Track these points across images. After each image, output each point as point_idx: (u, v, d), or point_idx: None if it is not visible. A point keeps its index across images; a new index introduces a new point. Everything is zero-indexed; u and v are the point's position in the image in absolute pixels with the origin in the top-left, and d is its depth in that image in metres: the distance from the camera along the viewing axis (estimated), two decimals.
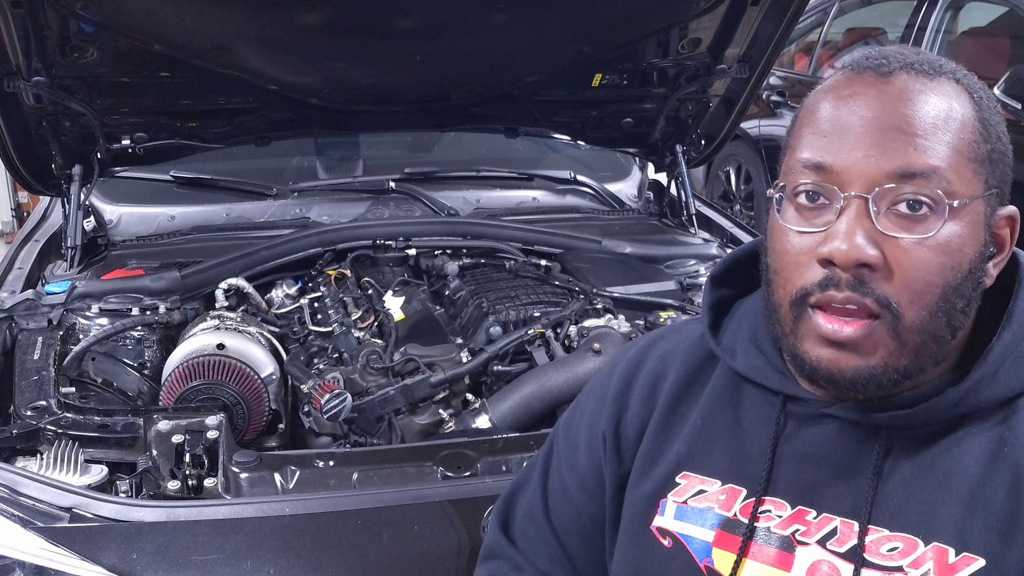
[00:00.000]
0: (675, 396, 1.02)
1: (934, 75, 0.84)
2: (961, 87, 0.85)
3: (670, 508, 0.97)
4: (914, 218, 0.81)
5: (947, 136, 0.82)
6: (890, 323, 0.82)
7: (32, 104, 2.23)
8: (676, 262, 2.47)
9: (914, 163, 0.81)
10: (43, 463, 1.54)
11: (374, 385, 1.91)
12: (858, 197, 0.82)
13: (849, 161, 0.82)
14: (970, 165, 0.83)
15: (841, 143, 0.83)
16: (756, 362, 0.96)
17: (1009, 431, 0.85)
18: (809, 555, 0.88)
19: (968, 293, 0.85)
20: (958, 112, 0.83)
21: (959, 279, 0.83)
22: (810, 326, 0.85)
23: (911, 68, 0.85)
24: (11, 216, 5.66)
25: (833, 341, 0.84)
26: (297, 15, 2.08)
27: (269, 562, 1.37)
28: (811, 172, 0.84)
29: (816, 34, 5.75)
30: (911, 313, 0.82)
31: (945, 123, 0.82)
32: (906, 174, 0.81)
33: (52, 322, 2.01)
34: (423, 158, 3.11)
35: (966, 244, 0.83)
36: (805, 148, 0.86)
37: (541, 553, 1.10)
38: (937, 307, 0.83)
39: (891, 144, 0.81)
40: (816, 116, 0.86)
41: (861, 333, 0.83)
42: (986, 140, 0.84)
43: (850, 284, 0.82)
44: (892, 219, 0.82)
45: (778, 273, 0.88)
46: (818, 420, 0.91)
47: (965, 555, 0.82)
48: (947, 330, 0.84)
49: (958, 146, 0.82)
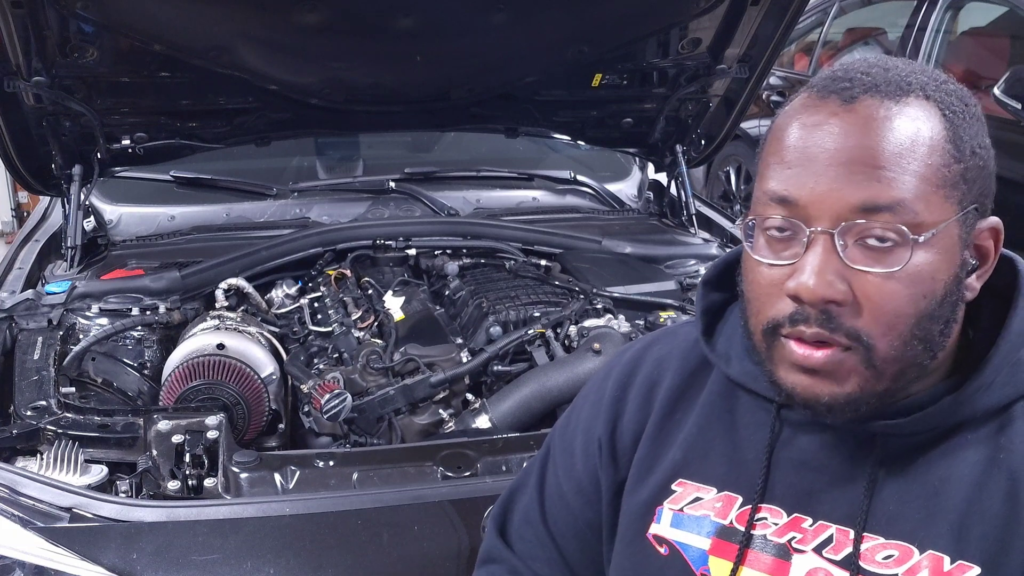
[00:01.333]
0: (671, 401, 1.01)
1: (900, 96, 0.82)
2: (931, 103, 0.82)
3: (666, 516, 0.97)
4: (882, 250, 0.80)
5: (914, 165, 0.80)
6: (862, 355, 0.82)
7: (32, 104, 2.23)
8: (676, 262, 2.47)
9: (879, 197, 0.79)
10: (43, 463, 1.54)
11: (374, 385, 1.91)
12: (824, 233, 0.80)
13: (814, 195, 0.81)
14: (940, 191, 0.81)
15: (806, 176, 0.81)
16: (750, 369, 0.95)
17: (1005, 438, 0.85)
18: (805, 563, 0.88)
19: (946, 316, 0.84)
20: (926, 136, 0.81)
21: (933, 306, 0.82)
22: (783, 353, 0.85)
23: (876, 91, 0.82)
24: (11, 216, 5.66)
25: (806, 368, 0.83)
26: (297, 15, 2.08)
27: (269, 562, 1.38)
28: (777, 206, 0.83)
29: (816, 34, 5.75)
30: (883, 344, 0.81)
31: (911, 151, 0.80)
32: (871, 208, 0.79)
33: (52, 322, 2.01)
34: (423, 158, 3.11)
35: (938, 271, 0.81)
36: (771, 179, 0.84)
37: (538, 557, 1.10)
38: (911, 335, 0.82)
39: (855, 177, 0.79)
40: (782, 145, 0.84)
41: (832, 360, 0.82)
42: (958, 160, 0.82)
43: (818, 320, 0.81)
44: (860, 252, 0.80)
45: (750, 302, 0.88)
46: (813, 427, 0.91)
47: (961, 563, 0.82)
48: (925, 355, 0.84)
49: (925, 174, 0.80)
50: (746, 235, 0.87)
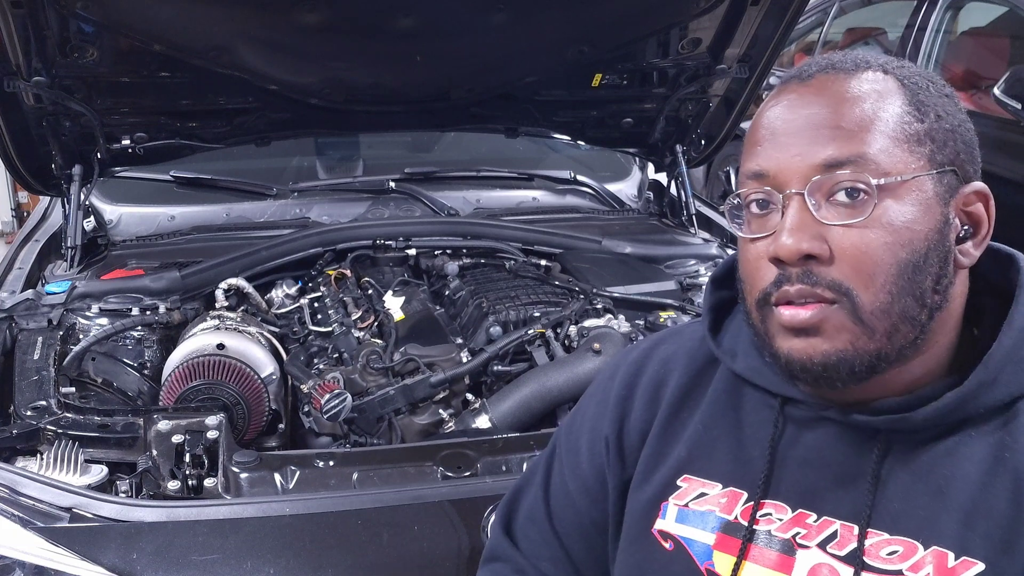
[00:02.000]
0: (677, 400, 1.02)
1: (855, 70, 0.87)
2: (889, 75, 0.87)
3: (671, 511, 0.97)
4: (853, 204, 0.83)
5: (871, 122, 0.84)
6: (848, 308, 0.83)
7: (32, 104, 2.23)
8: (676, 262, 2.47)
9: (840, 152, 0.83)
10: (43, 463, 1.53)
11: (374, 385, 1.91)
12: (795, 194, 0.85)
13: (781, 163, 0.86)
14: (902, 144, 0.84)
15: (773, 148, 0.87)
16: (756, 364, 0.96)
17: (1010, 436, 0.85)
18: (810, 558, 0.88)
19: (934, 271, 0.85)
20: (882, 96, 0.85)
21: (915, 256, 0.83)
22: (775, 322, 0.87)
23: (831, 68, 0.88)
24: (11, 216, 5.66)
25: (797, 329, 0.85)
26: (297, 15, 2.08)
27: (269, 562, 1.37)
28: (754, 181, 0.88)
29: (816, 34, 5.75)
30: (867, 296, 0.83)
31: (866, 109, 0.84)
32: (834, 163, 0.83)
33: (52, 322, 2.01)
34: (423, 158, 3.11)
35: (914, 222, 0.83)
36: (747, 160, 0.90)
37: (543, 555, 1.11)
38: (897, 287, 0.83)
39: (816, 138, 0.85)
40: (753, 129, 0.90)
41: (818, 315, 0.84)
42: (920, 119, 0.85)
43: (799, 277, 0.84)
44: (833, 209, 0.84)
45: (744, 281, 0.91)
46: (817, 423, 0.92)
47: (964, 559, 0.82)
48: (918, 309, 0.84)
49: (883, 129, 0.84)
50: (733, 219, 0.91)
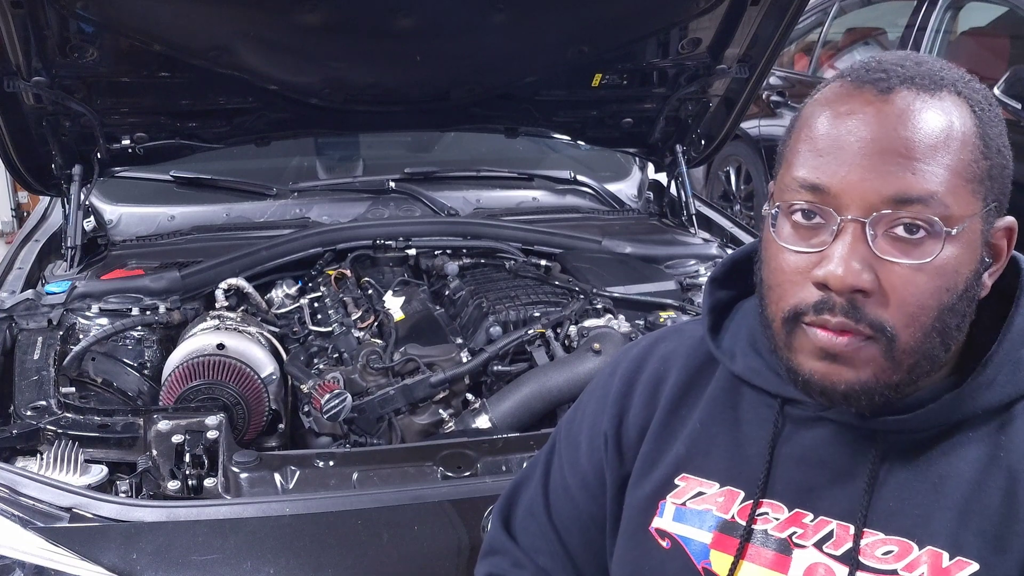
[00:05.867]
0: (676, 397, 1.02)
1: (935, 89, 0.82)
2: (962, 100, 0.83)
3: (669, 509, 0.97)
4: (911, 242, 0.80)
5: (946, 158, 0.80)
6: (884, 345, 0.82)
7: (32, 104, 2.23)
8: (676, 262, 2.47)
9: (912, 188, 0.79)
10: (43, 463, 1.53)
11: (374, 385, 1.91)
12: (855, 221, 0.81)
13: (846, 184, 0.81)
14: (968, 186, 0.81)
15: (838, 164, 0.81)
16: (754, 365, 0.96)
17: (1005, 436, 0.85)
18: (806, 558, 0.88)
19: (963, 311, 0.84)
20: (958, 131, 0.81)
21: (954, 300, 0.83)
22: (804, 340, 0.85)
23: (912, 83, 0.82)
24: (11, 216, 5.66)
25: (828, 353, 0.83)
26: (297, 15, 2.08)
27: (269, 562, 1.38)
28: (807, 192, 0.83)
29: (816, 34, 5.75)
30: (905, 335, 0.82)
31: (945, 144, 0.80)
32: (903, 199, 0.79)
33: (52, 322, 2.01)
34: (423, 158, 3.11)
35: (962, 265, 0.82)
36: (801, 166, 0.84)
37: (541, 550, 1.11)
38: (932, 328, 0.82)
39: (889, 168, 0.80)
40: (813, 132, 0.84)
41: (854, 346, 0.82)
42: (986, 156, 0.83)
43: (844, 309, 0.81)
44: (889, 242, 0.81)
45: (772, 289, 0.88)
46: (815, 423, 0.92)
47: (959, 559, 0.82)
48: (941, 348, 0.84)
49: (957, 168, 0.81)
50: (771, 221, 0.87)
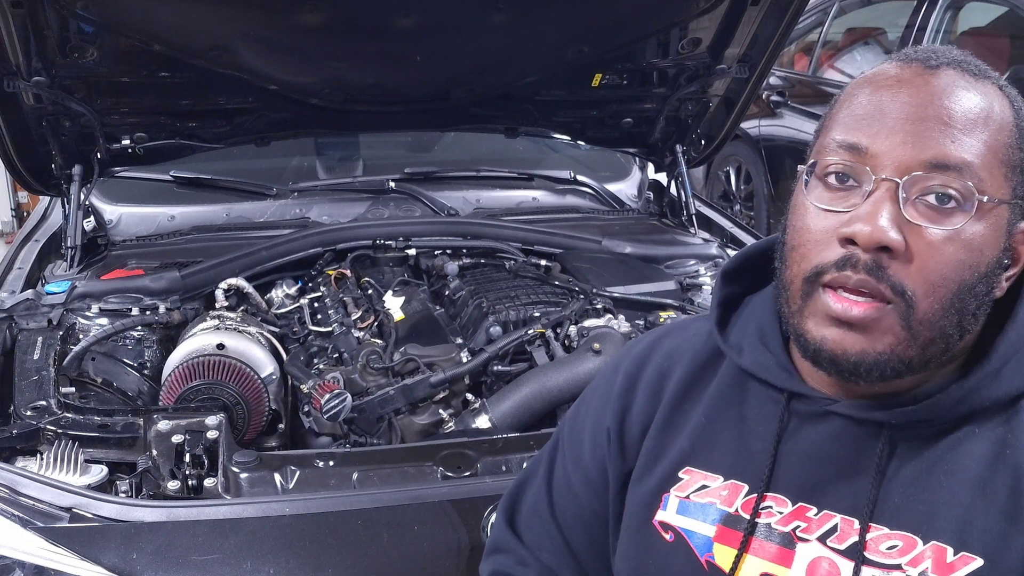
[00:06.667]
0: (680, 392, 1.02)
1: (980, 76, 0.85)
2: (1003, 94, 0.86)
3: (672, 503, 0.97)
4: (941, 210, 0.81)
5: (985, 135, 0.82)
6: (902, 311, 0.82)
7: (32, 104, 2.23)
8: (676, 262, 2.47)
9: (950, 155, 0.81)
10: (43, 463, 1.54)
11: (374, 385, 1.91)
12: (889, 180, 0.82)
13: (885, 145, 0.82)
14: (1003, 168, 0.83)
15: (880, 126, 0.83)
16: (762, 359, 0.96)
17: (1012, 433, 0.85)
18: (809, 552, 0.89)
19: (981, 296, 0.85)
20: (998, 114, 0.84)
21: (975, 279, 0.83)
22: (819, 304, 0.85)
23: (959, 66, 0.85)
24: (11, 216, 5.66)
25: (842, 321, 0.83)
26: (297, 15, 2.08)
27: (269, 562, 1.38)
28: (845, 152, 0.85)
29: (816, 34, 5.75)
30: (925, 304, 0.82)
31: (984, 122, 0.83)
32: (940, 165, 0.81)
33: (52, 322, 2.01)
34: (423, 158, 3.11)
35: (986, 245, 0.83)
36: (841, 128, 0.86)
37: (546, 547, 1.11)
38: (950, 303, 0.83)
39: (929, 134, 0.82)
40: (856, 100, 0.86)
41: (871, 315, 0.82)
42: (1021, 148, 0.85)
43: (867, 267, 0.82)
44: (919, 208, 0.82)
45: (795, 250, 0.88)
46: (822, 418, 0.92)
47: (963, 555, 0.82)
48: (956, 329, 0.84)
49: (994, 146, 0.83)
50: (803, 183, 0.88)
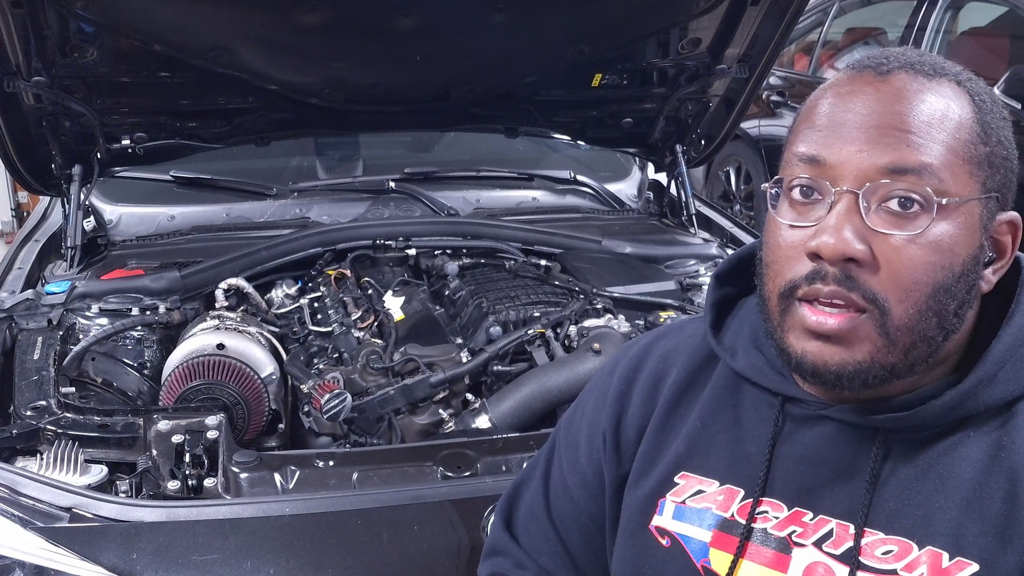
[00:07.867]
0: (675, 396, 1.02)
1: (934, 75, 0.84)
2: (962, 89, 0.85)
3: (668, 508, 0.97)
4: (905, 215, 0.81)
5: (942, 135, 0.82)
6: (877, 319, 0.82)
7: (32, 104, 2.23)
8: (676, 262, 2.47)
9: (906, 159, 0.81)
10: (43, 463, 1.54)
11: (374, 385, 1.91)
12: (849, 192, 0.82)
13: (842, 155, 0.83)
14: (965, 166, 0.82)
15: (835, 137, 0.83)
16: (756, 362, 0.96)
17: (1007, 436, 0.85)
18: (805, 557, 0.88)
19: (960, 295, 0.84)
20: (955, 112, 0.83)
21: (950, 280, 0.83)
22: (796, 318, 0.85)
23: (911, 68, 0.85)
24: (11, 216, 5.66)
25: (819, 333, 0.83)
26: (297, 15, 2.08)
27: (269, 562, 1.38)
28: (805, 165, 0.85)
29: (816, 34, 5.75)
30: (899, 310, 0.82)
31: (941, 122, 0.82)
32: (897, 170, 0.81)
33: (52, 322, 2.01)
34: (423, 158, 3.11)
35: (958, 245, 0.83)
36: (801, 142, 0.86)
37: (543, 550, 1.11)
38: (927, 306, 0.82)
39: (884, 140, 0.81)
40: (814, 112, 0.87)
41: (846, 325, 0.82)
42: (984, 143, 0.84)
43: (836, 278, 0.82)
44: (883, 216, 0.82)
45: (769, 266, 0.89)
46: (816, 422, 0.91)
47: (959, 559, 0.82)
48: (938, 331, 0.84)
49: (953, 146, 0.82)
50: (771, 201, 0.88)
